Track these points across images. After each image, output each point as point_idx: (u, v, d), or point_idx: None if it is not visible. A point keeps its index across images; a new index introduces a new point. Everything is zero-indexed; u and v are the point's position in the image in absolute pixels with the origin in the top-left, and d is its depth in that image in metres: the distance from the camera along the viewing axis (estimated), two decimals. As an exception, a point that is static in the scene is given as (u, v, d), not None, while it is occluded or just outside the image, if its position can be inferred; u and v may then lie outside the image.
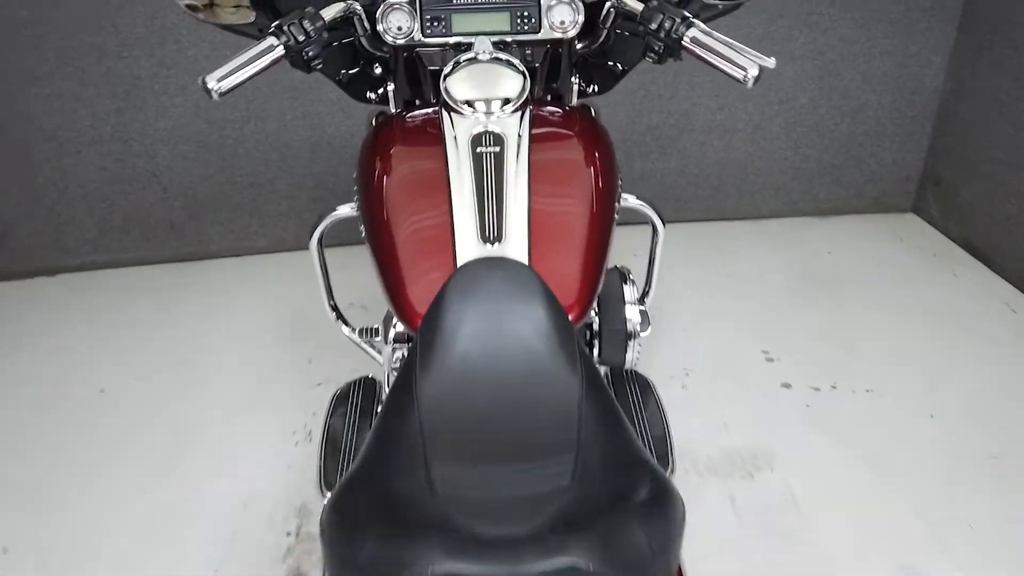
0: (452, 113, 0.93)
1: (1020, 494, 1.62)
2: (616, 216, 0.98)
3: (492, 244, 0.83)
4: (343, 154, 2.54)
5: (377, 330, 1.31)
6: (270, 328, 2.25)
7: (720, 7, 1.12)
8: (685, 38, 0.91)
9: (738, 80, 0.87)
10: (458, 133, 0.91)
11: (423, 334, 0.78)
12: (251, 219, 2.61)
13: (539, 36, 1.05)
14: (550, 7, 1.05)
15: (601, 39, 1.09)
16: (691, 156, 2.70)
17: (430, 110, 1.03)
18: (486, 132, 0.91)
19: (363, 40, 1.05)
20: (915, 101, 2.66)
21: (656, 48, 0.95)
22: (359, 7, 1.00)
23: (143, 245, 2.59)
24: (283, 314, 2.30)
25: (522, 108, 0.94)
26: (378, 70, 1.12)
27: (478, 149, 0.89)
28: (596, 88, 1.23)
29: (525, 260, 0.83)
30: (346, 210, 1.13)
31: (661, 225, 1.19)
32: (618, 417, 0.82)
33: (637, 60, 1.19)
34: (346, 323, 1.31)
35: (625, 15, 1.00)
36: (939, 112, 2.68)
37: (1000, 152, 2.41)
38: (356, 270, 1.43)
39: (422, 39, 1.04)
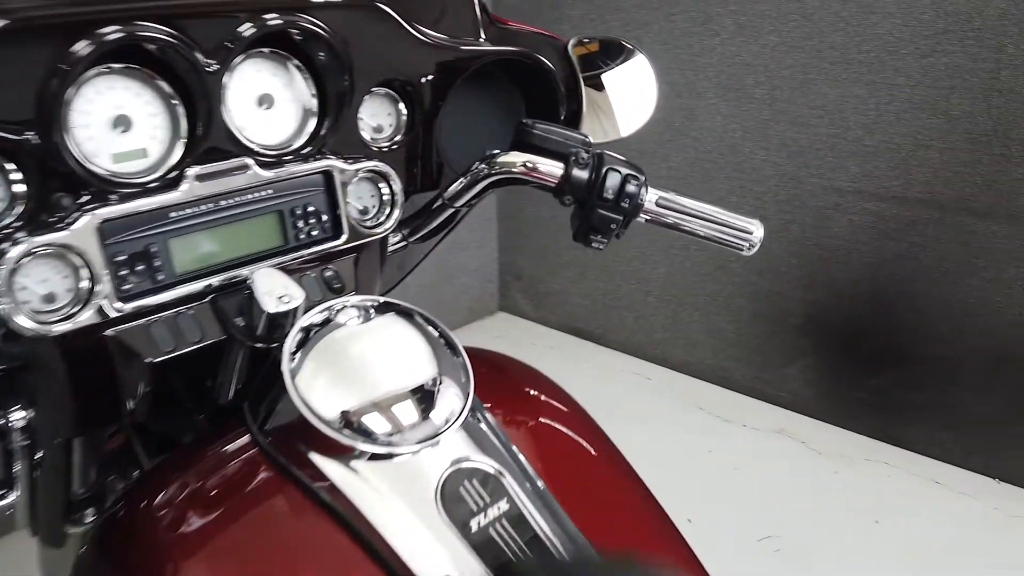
0: (350, 462, 0.48)
1: None
2: None
3: None
4: None
5: None
6: None
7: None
8: (648, 202, 0.67)
9: (738, 249, 0.68)
10: (384, 497, 0.47)
11: None
12: None
13: (342, 243, 0.65)
14: (346, 184, 0.64)
15: (436, 223, 0.76)
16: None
17: (231, 450, 0.51)
18: (462, 471, 0.49)
19: None
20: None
21: (613, 225, 0.67)
22: None
23: None
24: None
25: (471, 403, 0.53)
26: None
27: (472, 525, 0.47)
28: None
29: None
30: None
31: None
32: None
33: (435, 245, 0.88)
34: None
35: (506, 181, 0.68)
36: (500, 209, 2.65)
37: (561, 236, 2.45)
38: None
39: (119, 306, 0.51)
